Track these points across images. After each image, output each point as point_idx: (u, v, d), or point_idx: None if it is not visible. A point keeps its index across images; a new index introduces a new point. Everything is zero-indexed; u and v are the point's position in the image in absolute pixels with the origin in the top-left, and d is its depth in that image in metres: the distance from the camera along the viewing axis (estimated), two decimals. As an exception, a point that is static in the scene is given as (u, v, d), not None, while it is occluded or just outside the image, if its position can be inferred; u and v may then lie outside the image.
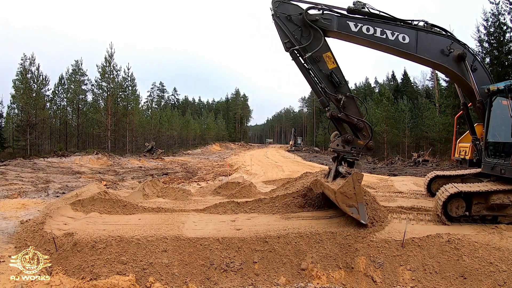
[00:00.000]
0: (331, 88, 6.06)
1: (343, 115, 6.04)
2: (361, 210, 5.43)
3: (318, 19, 6.04)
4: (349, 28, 6.08)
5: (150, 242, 4.88)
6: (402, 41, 6.14)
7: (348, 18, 6.13)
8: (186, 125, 62.08)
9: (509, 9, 23.29)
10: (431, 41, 6.27)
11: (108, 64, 33.55)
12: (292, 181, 9.32)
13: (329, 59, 6.07)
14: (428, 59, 6.36)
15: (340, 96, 6.03)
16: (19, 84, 29.03)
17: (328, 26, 6.05)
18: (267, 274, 4.70)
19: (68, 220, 6.22)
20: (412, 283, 4.48)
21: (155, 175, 17.48)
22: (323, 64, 6.05)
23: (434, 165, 24.64)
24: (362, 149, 6.06)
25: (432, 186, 8.51)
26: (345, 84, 6.13)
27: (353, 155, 6.04)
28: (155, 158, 30.51)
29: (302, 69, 6.15)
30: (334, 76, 6.01)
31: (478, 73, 6.55)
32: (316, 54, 5.99)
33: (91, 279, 4.39)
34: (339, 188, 5.40)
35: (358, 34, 6.08)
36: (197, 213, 6.89)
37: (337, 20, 6.07)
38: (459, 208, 5.93)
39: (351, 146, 6.04)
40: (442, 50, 6.29)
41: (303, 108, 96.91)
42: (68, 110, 39.23)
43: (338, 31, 6.08)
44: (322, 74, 6.05)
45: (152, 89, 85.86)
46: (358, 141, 6.07)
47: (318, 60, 6.04)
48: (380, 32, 6.11)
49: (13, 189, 10.85)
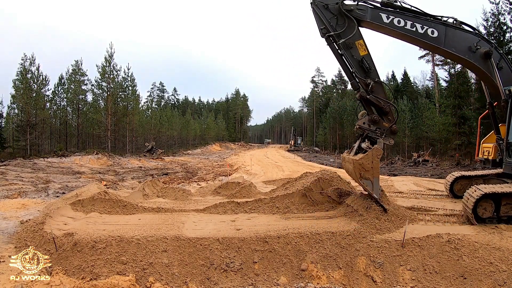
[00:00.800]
0: (361, 73, 6.42)
1: (371, 97, 6.34)
2: (375, 185, 5.77)
3: (353, 9, 6.44)
4: (381, 19, 6.45)
5: (150, 242, 4.88)
6: (431, 34, 6.44)
7: (381, 10, 6.49)
8: (186, 125, 62.06)
9: (509, 9, 23.31)
10: (459, 37, 6.52)
11: (108, 64, 33.53)
12: (292, 181, 9.32)
13: (361, 46, 6.45)
14: (455, 54, 6.59)
15: (369, 81, 6.37)
16: (19, 84, 29.00)
17: (362, 16, 6.45)
18: (267, 274, 4.70)
19: (68, 220, 6.22)
20: (412, 283, 4.48)
21: (155, 175, 17.48)
22: (355, 50, 6.43)
23: (434, 165, 24.64)
24: (386, 130, 6.40)
25: (454, 187, 8.48)
26: (374, 70, 6.46)
27: (376, 135, 6.38)
28: (155, 158, 30.51)
29: (336, 54, 6.58)
30: (364, 62, 6.38)
31: (504, 72, 6.64)
32: (349, 41, 6.38)
33: (91, 279, 4.39)
34: (358, 159, 5.75)
35: (390, 26, 6.44)
36: (197, 213, 6.89)
37: (370, 11, 6.46)
38: (487, 210, 5.94)
39: (376, 127, 6.40)
40: (470, 47, 6.50)
41: (303, 108, 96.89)
42: (68, 110, 39.21)
43: (371, 21, 6.47)
44: (353, 59, 6.44)
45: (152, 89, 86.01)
46: (383, 123, 6.43)
47: (350, 46, 6.43)
48: (410, 25, 6.44)
49: (13, 189, 10.85)
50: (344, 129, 50.87)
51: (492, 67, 6.51)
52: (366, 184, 5.84)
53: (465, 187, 8.17)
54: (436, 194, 9.25)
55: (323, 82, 77.30)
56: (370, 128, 6.44)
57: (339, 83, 74.48)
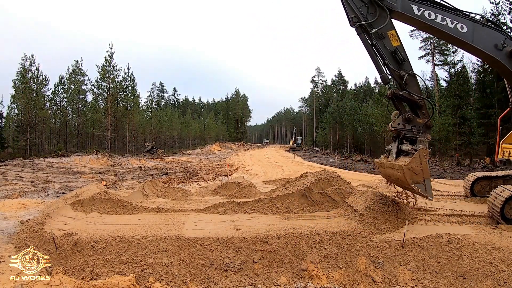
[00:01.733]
0: (395, 64, 6.19)
1: (405, 92, 6.13)
2: (428, 186, 5.51)
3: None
4: (412, 10, 6.26)
5: (150, 242, 4.88)
6: (461, 30, 6.31)
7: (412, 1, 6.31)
8: (186, 125, 62.05)
9: (509, 9, 23.32)
10: (486, 34, 6.43)
11: (108, 64, 33.53)
12: (292, 181, 9.32)
13: (393, 37, 6.25)
14: (482, 50, 6.51)
15: (403, 73, 6.14)
16: (19, 84, 29.01)
17: (393, 6, 6.24)
18: (267, 274, 4.70)
19: (68, 220, 6.22)
20: (412, 283, 4.48)
21: (155, 175, 17.48)
22: (387, 41, 6.22)
23: (434, 165, 24.64)
24: (422, 127, 6.16)
25: (474, 187, 8.49)
26: (408, 62, 6.27)
27: (413, 133, 6.15)
28: (155, 158, 30.51)
29: (366, 45, 6.33)
30: (398, 53, 6.17)
31: None
32: (381, 30, 6.17)
33: (91, 279, 4.39)
34: (406, 165, 5.43)
35: (421, 18, 6.26)
36: (197, 213, 6.89)
37: (401, 1, 6.27)
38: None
39: (411, 125, 6.17)
40: (496, 45, 6.42)
41: (303, 108, 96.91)
42: (68, 110, 39.19)
43: (402, 12, 6.27)
44: (386, 50, 6.21)
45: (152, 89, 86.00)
46: (418, 120, 6.20)
47: (383, 37, 6.22)
48: (441, 18, 6.29)
49: (13, 189, 10.85)
50: (344, 129, 50.87)
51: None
52: (419, 188, 5.50)
53: (485, 188, 8.23)
54: (436, 194, 9.25)
55: (323, 82, 77.34)
56: (405, 128, 6.19)
57: (339, 83, 74.51)
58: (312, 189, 7.40)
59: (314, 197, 7.33)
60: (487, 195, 6.88)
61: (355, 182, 11.18)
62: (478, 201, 8.11)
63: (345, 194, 7.45)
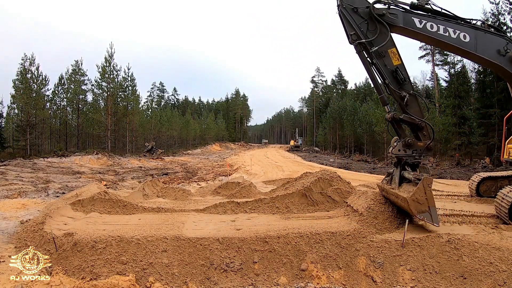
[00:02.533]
0: (395, 84, 5.99)
1: (405, 116, 5.96)
2: (433, 214, 5.40)
3: (385, 13, 6.01)
4: (414, 24, 6.08)
5: (150, 242, 4.88)
6: (463, 39, 6.15)
7: (413, 14, 6.12)
8: (186, 125, 62.04)
9: (509, 9, 23.31)
10: (489, 41, 6.29)
11: (108, 64, 33.54)
12: (292, 181, 9.32)
13: (394, 55, 6.05)
14: (486, 59, 6.38)
15: (404, 93, 5.95)
16: (19, 84, 29.01)
17: (394, 21, 6.05)
18: (267, 274, 4.70)
19: (68, 220, 6.22)
20: (412, 283, 4.48)
21: (155, 175, 17.48)
22: (388, 59, 6.02)
23: (434, 165, 24.64)
24: (423, 151, 6.02)
25: (480, 187, 8.49)
26: (409, 82, 6.08)
27: (415, 158, 6.00)
28: (155, 158, 30.51)
29: (365, 63, 6.11)
30: (399, 73, 5.96)
31: None
32: (382, 49, 5.95)
33: (91, 279, 4.39)
34: (411, 196, 5.30)
35: (423, 31, 6.09)
36: (197, 213, 6.89)
37: (402, 15, 6.08)
38: None
39: (412, 149, 6.00)
40: (499, 50, 6.29)
41: (303, 108, 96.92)
42: (68, 110, 39.19)
43: (404, 27, 6.09)
44: (387, 69, 6.01)
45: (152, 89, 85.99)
46: (418, 143, 6.02)
47: (383, 55, 6.01)
48: (443, 30, 6.11)
49: (13, 189, 10.85)
50: (344, 129, 50.87)
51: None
52: (425, 217, 5.39)
53: (491, 188, 8.22)
54: (436, 194, 9.25)
55: (323, 82, 77.36)
56: (406, 153, 6.01)
57: (339, 83, 74.51)
58: (312, 189, 7.41)
59: (314, 197, 7.34)
60: (493, 196, 6.87)
61: (355, 182, 11.18)
62: (478, 201, 8.11)
63: (345, 194, 7.44)
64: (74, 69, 37.51)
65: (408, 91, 5.95)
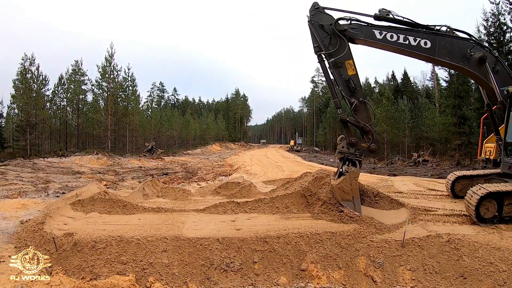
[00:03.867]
0: (347, 92, 6.69)
1: (350, 118, 6.70)
2: (357, 204, 6.21)
3: (347, 28, 6.68)
4: (374, 35, 6.68)
5: (150, 242, 4.88)
6: (424, 46, 6.57)
7: (373, 26, 6.70)
8: (186, 125, 62.03)
9: (509, 9, 23.31)
10: (453, 45, 6.62)
11: (109, 64, 33.50)
12: (292, 181, 9.32)
13: (349, 66, 6.72)
14: (449, 62, 6.71)
15: (354, 100, 6.64)
16: (19, 84, 28.99)
17: (355, 34, 6.71)
18: (267, 274, 4.70)
19: (68, 220, 6.22)
20: (412, 283, 4.48)
21: (155, 175, 17.48)
22: (344, 69, 6.70)
23: (434, 165, 24.64)
24: (364, 151, 6.71)
25: (455, 186, 8.43)
26: (360, 90, 6.74)
27: (356, 156, 6.70)
28: (155, 158, 30.50)
29: (324, 72, 6.86)
30: (351, 82, 6.64)
31: (501, 75, 6.69)
32: (339, 60, 6.66)
33: (91, 279, 4.39)
34: (337, 184, 6.16)
35: (383, 41, 6.65)
36: (197, 213, 6.89)
37: (364, 29, 6.71)
38: (490, 209, 5.93)
39: (355, 148, 6.72)
40: (464, 54, 6.59)
41: (303, 108, 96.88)
42: (68, 110, 39.16)
43: (365, 39, 6.72)
44: (341, 78, 6.69)
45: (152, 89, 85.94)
46: (362, 144, 6.73)
47: (340, 65, 6.70)
48: (403, 38, 6.60)
49: (13, 189, 10.85)
50: (344, 129, 50.77)
51: (487, 71, 6.58)
52: (348, 205, 6.17)
53: (466, 187, 8.14)
54: (436, 194, 9.25)
55: (323, 82, 77.28)
56: (349, 151, 6.77)
57: (339, 83, 74.36)
58: (310, 188, 7.42)
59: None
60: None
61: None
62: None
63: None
64: (74, 69, 37.51)
65: (357, 98, 6.70)
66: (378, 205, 7.62)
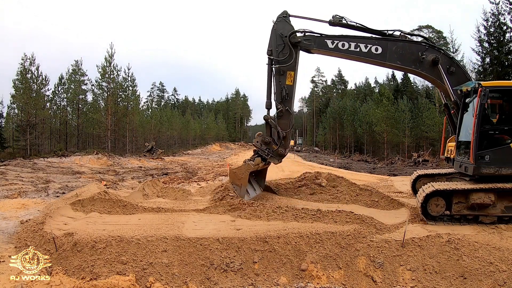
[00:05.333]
0: (278, 98, 7.50)
1: (271, 121, 7.57)
2: (242, 190, 7.37)
3: (301, 41, 7.28)
4: (327, 45, 7.19)
5: (150, 242, 4.88)
6: (375, 52, 6.97)
7: (326, 37, 7.21)
8: (186, 125, 62.03)
9: (509, 9, 23.31)
10: (404, 49, 6.95)
11: (109, 64, 33.50)
12: (292, 181, 9.35)
13: (289, 76, 7.43)
14: (400, 66, 7.08)
15: (281, 106, 7.47)
16: (19, 84, 28.98)
17: (309, 45, 7.32)
18: (267, 274, 4.70)
19: (68, 220, 6.22)
20: (412, 283, 4.47)
21: (155, 175, 17.47)
22: (284, 78, 7.42)
23: (434, 165, 24.64)
24: (273, 152, 7.61)
25: (416, 185, 8.38)
26: (289, 100, 7.50)
27: (265, 153, 7.63)
28: (155, 158, 30.49)
29: (268, 73, 7.57)
30: (284, 90, 7.42)
31: (457, 76, 6.84)
32: (283, 68, 7.37)
33: (91, 279, 4.39)
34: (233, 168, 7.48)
35: (335, 50, 7.14)
36: (197, 213, 6.89)
37: (317, 40, 7.26)
38: (438, 207, 5.99)
39: (266, 147, 7.63)
40: (416, 57, 6.86)
41: (303, 108, 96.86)
42: (68, 110, 39.19)
43: (318, 49, 7.32)
44: (278, 85, 7.46)
45: (152, 89, 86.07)
46: (273, 145, 7.59)
47: (282, 73, 7.43)
48: (354, 46, 7.00)
49: (13, 189, 10.85)
50: (344, 129, 50.87)
51: (441, 73, 6.74)
52: (235, 189, 7.27)
53: None
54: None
55: (323, 82, 77.37)
56: (261, 147, 7.64)
57: (339, 83, 74.52)
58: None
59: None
60: None
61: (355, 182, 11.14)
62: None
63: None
64: (74, 69, 37.53)
65: (284, 107, 7.47)
66: (378, 205, 7.63)
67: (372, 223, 5.57)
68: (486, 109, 6.52)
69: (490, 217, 5.89)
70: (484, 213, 5.88)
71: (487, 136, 6.16)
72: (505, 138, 6.13)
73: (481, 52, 25.05)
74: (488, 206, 5.80)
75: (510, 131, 6.15)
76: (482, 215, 5.90)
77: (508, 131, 6.19)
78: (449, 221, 6.03)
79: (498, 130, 6.32)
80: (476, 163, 5.94)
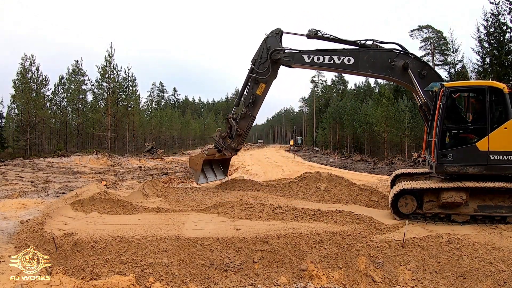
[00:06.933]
0: (247, 102, 8.70)
1: (231, 121, 8.85)
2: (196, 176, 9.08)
3: (280, 58, 8.19)
4: (303, 60, 7.96)
5: (150, 242, 4.88)
6: (347, 62, 7.54)
7: (303, 52, 7.96)
8: (186, 125, 62.02)
9: (509, 9, 23.30)
10: (376, 57, 7.39)
11: (109, 64, 33.47)
12: (293, 181, 9.34)
13: (261, 87, 8.51)
14: (372, 74, 7.60)
15: (245, 110, 8.68)
16: (19, 84, 28.96)
17: (288, 61, 8.23)
18: (267, 274, 4.70)
19: (68, 220, 6.22)
20: (412, 283, 4.48)
21: (155, 175, 17.47)
22: (256, 87, 8.54)
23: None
24: (227, 146, 8.88)
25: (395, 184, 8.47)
26: (254, 107, 8.69)
27: (221, 146, 8.97)
28: (155, 158, 30.47)
29: (246, 78, 8.73)
30: (253, 97, 8.55)
31: (429, 79, 7.02)
32: (258, 79, 8.45)
33: (91, 279, 4.39)
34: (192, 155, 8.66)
35: (311, 64, 7.92)
36: (197, 213, 6.89)
37: (295, 56, 8.10)
38: (408, 206, 6.06)
39: (223, 141, 8.93)
40: (387, 64, 7.24)
41: (303, 108, 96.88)
42: (68, 110, 39.16)
43: (296, 64, 8.15)
44: (250, 91, 8.64)
45: (152, 89, 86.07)
46: (228, 140, 8.91)
47: (256, 82, 8.51)
48: (328, 59, 7.64)
49: (13, 189, 10.85)
50: (344, 129, 50.82)
51: (411, 77, 6.99)
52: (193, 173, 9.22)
53: None
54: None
55: (323, 82, 77.28)
56: (218, 140, 8.96)
57: (339, 83, 74.49)
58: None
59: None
60: None
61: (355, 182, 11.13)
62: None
63: None
64: (74, 69, 37.51)
65: (248, 111, 8.67)
66: (378, 205, 7.63)
67: (372, 223, 5.57)
68: (459, 109, 6.75)
69: (462, 216, 5.90)
70: (457, 212, 5.90)
71: (453, 136, 6.28)
72: (470, 137, 6.19)
73: (481, 52, 25.09)
74: (460, 205, 5.81)
75: (476, 130, 6.16)
76: (455, 214, 5.91)
77: (474, 130, 6.22)
78: (423, 219, 6.08)
79: (463, 129, 6.43)
80: (438, 162, 6.05)
